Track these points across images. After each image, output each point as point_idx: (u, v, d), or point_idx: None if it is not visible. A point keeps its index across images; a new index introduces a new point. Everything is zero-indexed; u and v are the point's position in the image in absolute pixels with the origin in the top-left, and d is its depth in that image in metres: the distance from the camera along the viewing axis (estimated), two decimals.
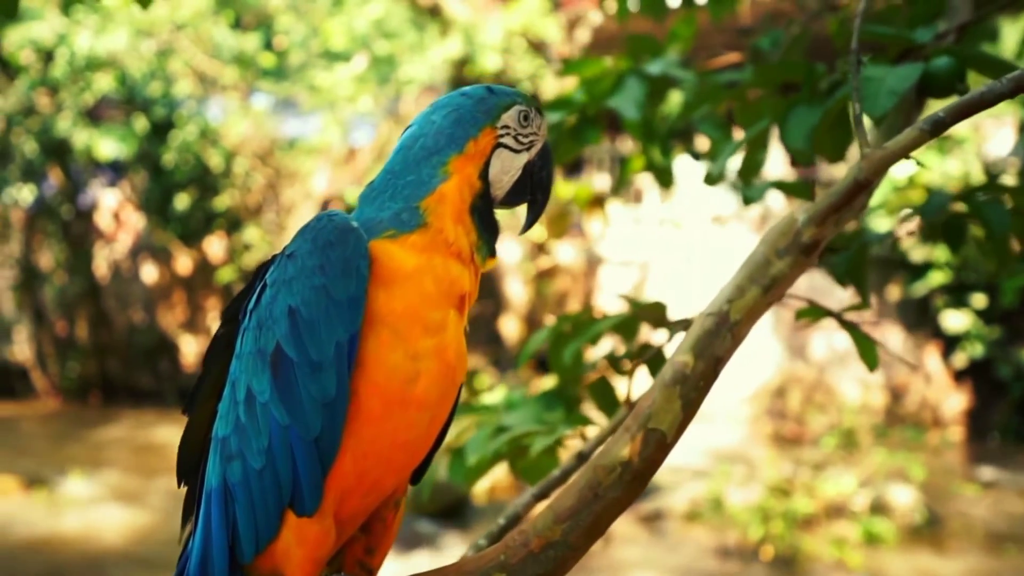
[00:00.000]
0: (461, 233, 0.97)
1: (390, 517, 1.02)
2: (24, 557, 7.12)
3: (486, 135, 1.00)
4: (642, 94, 2.11)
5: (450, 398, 0.98)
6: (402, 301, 0.92)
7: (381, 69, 11.47)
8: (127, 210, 12.91)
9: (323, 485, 0.89)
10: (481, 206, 0.99)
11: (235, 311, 1.00)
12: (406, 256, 0.94)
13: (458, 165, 0.98)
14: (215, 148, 11.52)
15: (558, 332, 2.09)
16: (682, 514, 8.38)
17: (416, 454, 0.97)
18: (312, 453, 0.88)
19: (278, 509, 0.89)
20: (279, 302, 0.91)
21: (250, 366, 0.91)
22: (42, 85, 10.71)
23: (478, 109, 1.01)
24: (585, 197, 3.16)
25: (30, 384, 12.66)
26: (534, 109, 1.04)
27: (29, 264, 12.56)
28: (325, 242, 0.90)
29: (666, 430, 0.94)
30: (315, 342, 0.88)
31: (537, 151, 1.04)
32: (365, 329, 0.90)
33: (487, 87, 1.04)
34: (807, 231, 1.00)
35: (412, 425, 0.93)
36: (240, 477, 0.90)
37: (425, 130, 1.01)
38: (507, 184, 1.02)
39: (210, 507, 0.93)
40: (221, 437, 0.93)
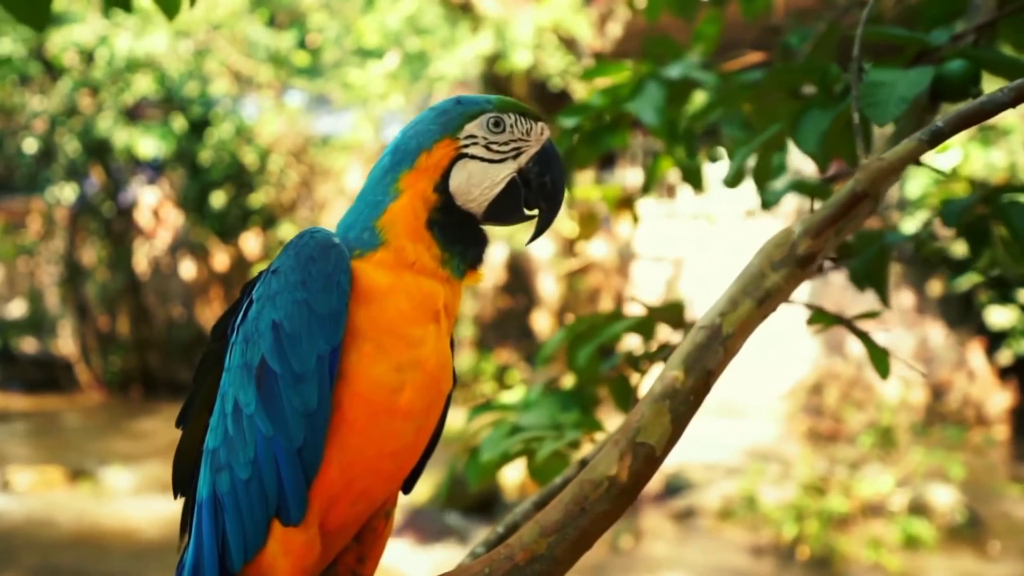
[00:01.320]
0: (421, 250, 0.96)
1: (380, 527, 1.03)
2: (69, 546, 7.33)
3: (443, 147, 0.98)
4: (661, 98, 2.09)
5: (436, 408, 0.99)
6: (381, 317, 0.93)
7: (413, 66, 11.52)
8: (166, 207, 13.17)
9: (307, 494, 0.91)
10: (442, 219, 0.97)
11: (224, 327, 1.02)
12: (378, 275, 0.95)
13: (409, 181, 0.97)
14: (250, 146, 11.69)
15: (574, 333, 2.09)
16: (715, 512, 8.31)
17: (404, 463, 0.98)
18: (296, 463, 0.89)
19: (265, 519, 0.91)
20: (264, 316, 0.93)
21: (237, 379, 0.93)
22: (83, 86, 10.96)
23: (436, 122, 0.99)
24: (614, 198, 3.12)
25: (74, 378, 13.01)
26: (515, 115, 1.00)
27: (73, 261, 12.88)
28: (307, 258, 0.92)
29: (655, 444, 0.94)
30: (297, 355, 0.89)
31: (530, 158, 1.00)
32: (348, 342, 0.92)
33: (457, 98, 1.02)
34: (803, 243, 0.98)
35: (398, 435, 0.94)
36: (228, 488, 0.93)
37: (388, 149, 1.01)
38: (481, 196, 0.98)
39: (202, 517, 0.96)
40: (211, 449, 0.95)
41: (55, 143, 11.42)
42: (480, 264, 1.01)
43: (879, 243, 1.84)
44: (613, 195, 3.06)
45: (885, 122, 1.20)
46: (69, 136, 11.35)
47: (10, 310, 13.72)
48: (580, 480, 0.93)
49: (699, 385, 0.96)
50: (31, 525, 7.88)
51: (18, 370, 13.24)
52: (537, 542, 0.90)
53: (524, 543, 0.90)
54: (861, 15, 1.12)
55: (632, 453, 0.93)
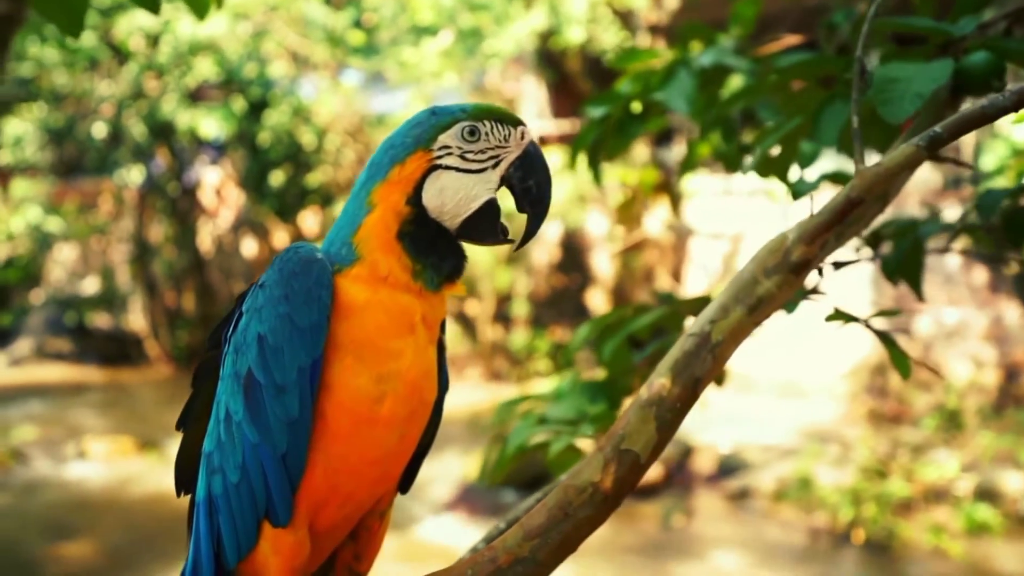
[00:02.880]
0: (392, 262, 0.97)
1: (375, 526, 1.07)
2: (139, 512, 7.69)
3: (415, 159, 0.98)
4: (692, 87, 2.05)
5: (419, 416, 1.01)
6: (360, 331, 0.95)
7: (467, 43, 11.49)
8: (228, 187, 13.50)
9: (293, 498, 0.95)
10: (413, 231, 0.97)
11: (220, 336, 1.06)
12: (356, 290, 0.97)
13: (382, 194, 0.98)
14: (307, 126, 11.87)
15: (602, 325, 2.08)
16: (769, 493, 8.20)
17: (388, 469, 1.01)
18: (281, 469, 0.93)
19: (255, 520, 0.95)
20: (251, 329, 0.96)
21: (228, 388, 0.98)
22: (149, 70, 11.26)
23: (409, 134, 0.99)
24: (650, 183, 3.08)
25: (144, 352, 13.54)
26: (491, 122, 0.99)
27: (141, 239, 13.34)
28: (290, 273, 0.95)
29: (640, 451, 0.94)
30: (279, 366, 0.93)
31: (510, 164, 0.99)
32: (330, 354, 0.94)
33: (432, 109, 1.02)
34: (796, 250, 0.97)
35: (380, 443, 0.97)
36: (221, 490, 0.97)
37: (367, 164, 1.03)
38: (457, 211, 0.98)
39: (199, 517, 1.01)
40: (207, 453, 1.00)
41: (123, 126, 11.79)
42: (458, 276, 1.01)
43: (912, 235, 1.78)
44: (650, 179, 3.01)
45: (899, 119, 1.16)
46: (136, 119, 11.70)
47: (84, 287, 14.33)
48: (565, 485, 0.95)
49: (686, 393, 0.96)
50: (107, 492, 8.30)
51: (93, 344, 13.85)
52: (520, 545, 0.92)
53: (508, 546, 0.92)
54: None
55: (617, 460, 0.94)
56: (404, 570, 6.44)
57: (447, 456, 8.84)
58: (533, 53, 12.60)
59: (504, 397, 6.76)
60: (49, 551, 7.00)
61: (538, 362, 12.36)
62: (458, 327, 13.16)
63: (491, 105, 1.01)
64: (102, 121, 11.79)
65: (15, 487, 8.26)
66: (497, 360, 12.98)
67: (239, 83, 11.51)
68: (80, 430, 9.98)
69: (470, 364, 13.07)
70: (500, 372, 12.84)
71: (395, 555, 6.84)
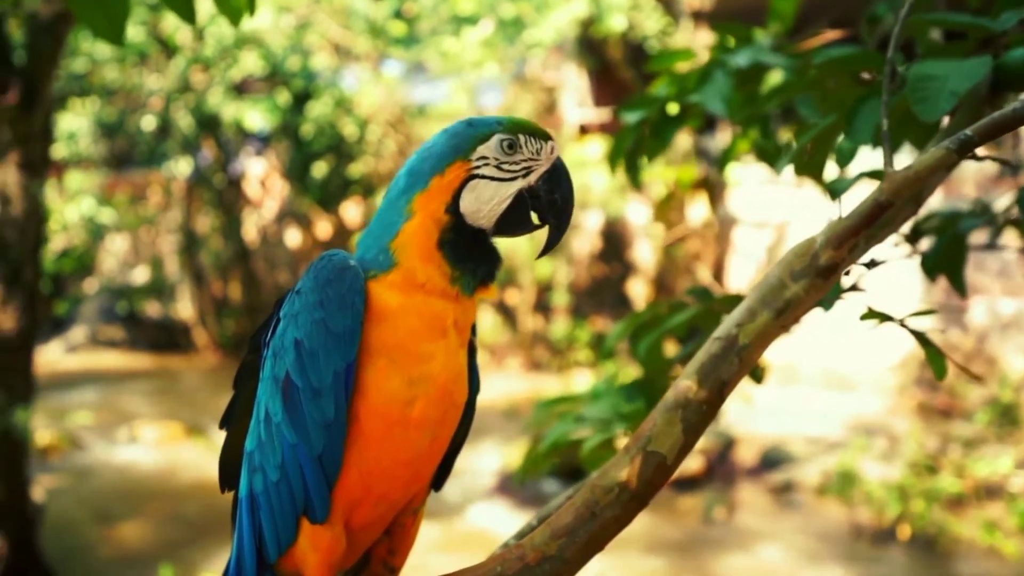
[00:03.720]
0: (432, 269, 1.00)
1: (409, 523, 1.11)
2: (189, 496, 7.92)
3: (454, 169, 1.01)
4: (728, 87, 2.03)
5: (450, 418, 1.04)
6: (393, 335, 0.99)
7: (508, 32, 11.47)
8: (273, 178, 13.72)
9: (330, 497, 0.99)
10: (453, 239, 1.00)
11: (259, 340, 1.11)
12: (390, 295, 1.00)
13: (422, 203, 1.01)
14: (349, 117, 11.99)
15: (637, 323, 2.08)
16: (813, 487, 8.11)
17: (420, 470, 1.04)
18: (318, 469, 0.97)
19: (294, 517, 1.00)
20: (288, 334, 1.01)
21: (268, 390, 1.02)
22: (195, 63, 11.48)
23: (448, 144, 1.03)
24: (688, 180, 3.04)
25: (192, 340, 13.87)
26: (526, 135, 1.02)
27: (189, 230, 13.65)
28: (324, 280, 0.99)
29: (666, 453, 0.96)
30: (316, 370, 0.96)
31: (539, 176, 1.03)
32: (364, 358, 0.98)
33: (468, 120, 1.05)
34: (824, 254, 0.96)
35: (412, 444, 1.00)
36: (262, 488, 1.02)
37: (402, 171, 1.05)
38: (491, 213, 1.02)
39: (242, 513, 1.06)
40: (249, 451, 1.05)
41: (171, 119, 12.06)
42: (491, 281, 1.04)
43: (953, 229, 1.75)
44: (688, 177, 2.98)
45: (934, 118, 1.14)
46: (183, 112, 11.95)
47: (135, 276, 14.72)
48: (592, 485, 0.97)
49: (713, 396, 0.97)
50: (157, 476, 8.56)
51: (143, 332, 14.25)
52: (548, 544, 0.94)
53: (536, 544, 0.95)
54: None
55: (643, 461, 0.96)
56: (445, 558, 6.52)
57: (487, 446, 8.91)
58: (574, 41, 12.53)
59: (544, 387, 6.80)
60: (102, 533, 7.25)
61: (578, 352, 12.35)
62: (498, 317, 13.21)
63: (525, 120, 1.05)
64: (151, 114, 12.07)
65: (71, 470, 8.56)
66: (537, 350, 13.00)
67: (283, 75, 11.67)
68: (131, 415, 10.29)
69: (510, 354, 13.11)
70: (540, 362, 12.86)
71: (436, 543, 6.93)
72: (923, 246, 1.82)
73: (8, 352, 6.04)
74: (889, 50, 1.03)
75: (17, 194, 6.01)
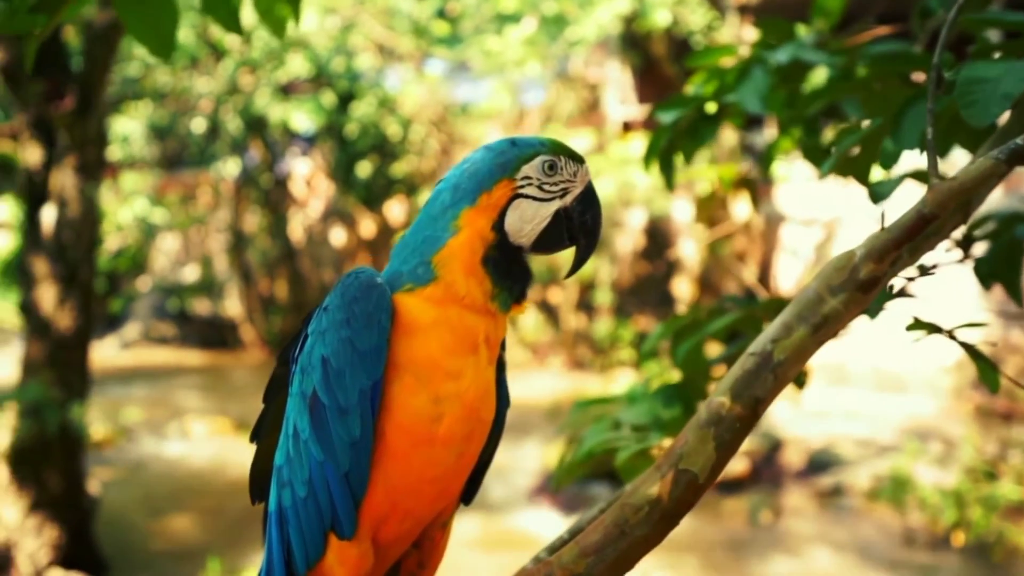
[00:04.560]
0: (473, 285, 1.00)
1: (438, 536, 1.11)
2: (235, 490, 8.07)
3: (501, 187, 1.03)
4: (767, 85, 1.98)
5: (478, 434, 1.04)
6: (422, 351, 0.99)
7: (551, 30, 11.44)
8: (318, 178, 13.92)
9: (357, 514, 0.99)
10: (497, 256, 1.02)
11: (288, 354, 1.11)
12: (423, 309, 1.00)
13: (469, 218, 1.02)
14: (393, 117, 12.09)
15: (677, 327, 2.05)
16: (863, 491, 7.92)
17: (447, 486, 1.04)
18: (344, 486, 0.98)
19: (322, 532, 1.00)
20: (315, 351, 1.01)
21: (296, 406, 1.03)
22: (244, 65, 11.70)
23: (495, 163, 1.04)
24: (730, 179, 2.98)
25: (239, 337, 14.16)
26: (565, 157, 1.05)
27: (237, 229, 13.93)
28: (351, 298, 0.99)
29: (698, 471, 0.93)
30: (342, 388, 0.97)
31: (575, 197, 1.05)
32: (390, 375, 0.98)
33: (511, 140, 1.07)
34: (864, 267, 0.93)
35: (438, 462, 1.00)
36: (291, 503, 1.02)
37: (446, 185, 1.06)
38: (531, 232, 1.04)
39: (271, 526, 1.07)
40: (278, 466, 1.05)
41: (220, 121, 12.31)
42: (524, 298, 1.05)
43: (1009, 235, 1.68)
44: (729, 175, 2.92)
45: (984, 124, 1.09)
46: (232, 114, 12.20)
47: (186, 275, 15.08)
48: (621, 503, 0.95)
49: (747, 413, 0.94)
50: (206, 470, 8.75)
51: (193, 329, 14.60)
52: (576, 562, 0.93)
53: (563, 562, 0.94)
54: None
55: (674, 479, 0.94)
56: (486, 559, 6.54)
57: (529, 445, 8.91)
58: (617, 38, 12.43)
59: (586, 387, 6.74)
60: (153, 525, 7.44)
61: (621, 351, 12.27)
62: (540, 315, 13.19)
63: (563, 143, 1.08)
64: (201, 116, 12.34)
65: (123, 464, 8.80)
66: (580, 349, 12.95)
67: (328, 76, 11.83)
68: (182, 411, 10.54)
69: (552, 352, 13.09)
70: (583, 361, 12.81)
71: (477, 542, 6.96)
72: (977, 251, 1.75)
73: (65, 349, 6.23)
74: (936, 54, 0.99)
75: (74, 197, 6.20)
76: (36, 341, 6.19)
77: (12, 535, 6.08)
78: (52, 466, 6.14)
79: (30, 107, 6.12)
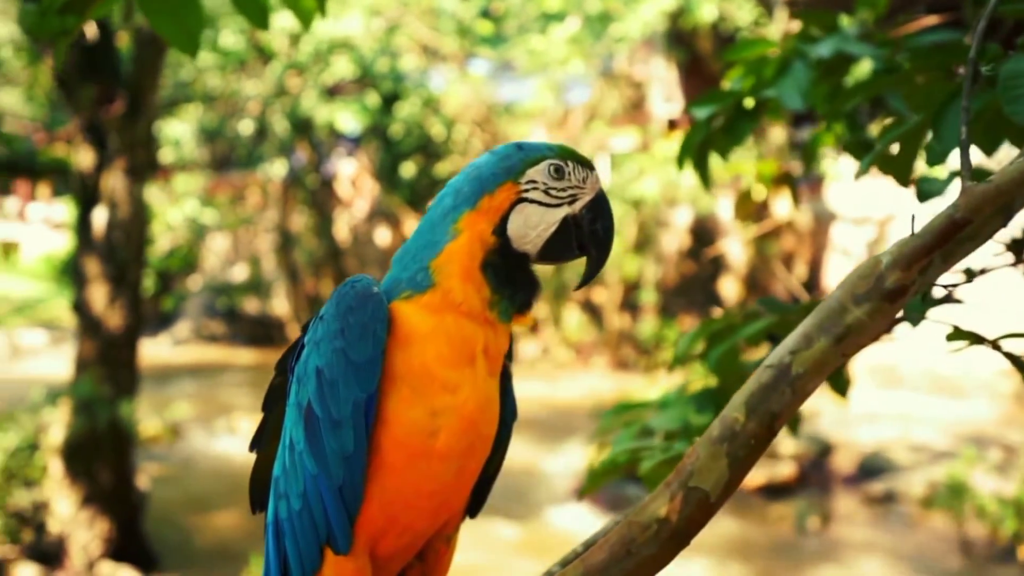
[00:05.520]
0: (471, 291, 0.97)
1: (442, 549, 1.07)
2: None
3: (504, 191, 0.99)
4: (807, 80, 1.90)
5: (478, 449, 1.00)
6: (418, 360, 0.95)
7: (595, 28, 11.37)
8: (363, 178, 14.08)
9: (352, 529, 0.96)
10: (497, 262, 0.98)
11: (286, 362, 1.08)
12: (420, 317, 0.97)
13: (469, 222, 0.98)
14: (437, 117, 12.15)
15: (710, 331, 1.99)
16: (918, 499, 7.69)
17: (446, 501, 1.00)
18: (338, 500, 0.95)
19: (317, 546, 0.97)
20: (310, 361, 0.98)
21: (292, 417, 1.00)
22: (291, 68, 11.90)
23: (499, 166, 1.00)
24: (769, 174, 2.89)
25: (286, 335, 14.39)
26: (573, 163, 1.01)
27: (285, 229, 14.17)
28: (346, 308, 0.96)
29: (709, 489, 0.88)
30: (335, 401, 0.94)
31: (584, 205, 1.01)
32: (386, 386, 0.95)
33: (518, 144, 1.03)
34: (891, 275, 0.87)
35: (436, 477, 0.97)
36: (286, 514, 1.00)
37: (449, 190, 1.02)
38: (537, 239, 1.00)
39: (268, 537, 1.04)
40: (275, 477, 1.03)
41: (267, 123, 12.54)
42: (528, 309, 1.01)
43: None
44: (768, 171, 2.83)
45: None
46: (279, 116, 12.41)
47: (235, 274, 15.40)
48: (628, 521, 0.91)
49: (762, 429, 0.89)
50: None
51: (242, 327, 14.89)
52: None
53: None
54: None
55: (684, 498, 0.89)
56: (527, 563, 6.51)
57: (571, 446, 8.85)
58: (662, 34, 12.29)
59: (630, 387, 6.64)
60: (200, 520, 7.59)
61: (666, 352, 12.12)
62: (584, 315, 13.11)
63: (572, 148, 1.04)
64: (249, 119, 12.58)
65: (172, 460, 9.00)
66: (624, 349, 12.84)
67: (372, 78, 11.94)
68: (230, 407, 10.73)
69: (596, 352, 13.00)
70: (627, 361, 12.69)
71: (517, 544, 6.93)
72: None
73: (115, 347, 6.40)
74: (972, 47, 0.92)
75: (123, 199, 6.36)
76: (87, 339, 6.37)
77: (66, 527, 6.27)
78: (103, 461, 6.31)
79: (82, 111, 6.30)
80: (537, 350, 13.41)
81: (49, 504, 6.29)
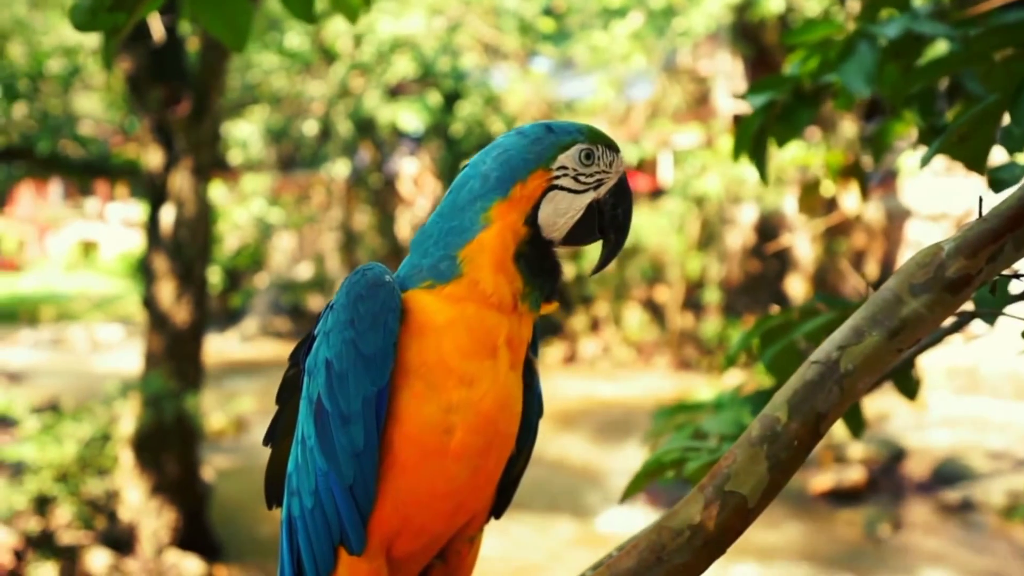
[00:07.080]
0: (502, 283, 0.92)
1: (464, 550, 1.02)
2: None
3: (536, 178, 0.94)
4: (873, 63, 1.78)
5: (497, 447, 0.95)
6: (435, 353, 0.91)
7: (657, 23, 11.20)
8: (425, 177, 14.20)
9: (365, 529, 0.92)
10: (529, 252, 0.93)
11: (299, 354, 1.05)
12: (440, 307, 0.92)
13: (501, 211, 0.93)
14: (498, 115, 12.16)
15: (767, 327, 1.90)
16: (997, 508, 7.35)
17: (463, 502, 0.95)
18: (349, 499, 0.91)
19: (330, 546, 0.94)
20: (320, 353, 0.94)
21: (304, 411, 0.96)
22: (354, 68, 12.08)
23: (530, 151, 0.95)
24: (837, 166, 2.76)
25: None
26: (602, 146, 0.96)
27: (348, 228, 14.41)
28: (356, 296, 0.92)
29: (747, 494, 0.82)
30: (344, 395, 0.90)
31: (608, 189, 0.97)
32: (399, 380, 0.90)
33: (547, 125, 0.97)
34: (953, 264, 0.79)
35: (451, 476, 0.92)
36: (299, 512, 0.96)
37: (475, 172, 0.97)
38: (564, 226, 0.96)
39: (283, 535, 1.00)
40: (289, 473, 0.99)
41: (331, 123, 12.76)
42: (555, 296, 0.97)
43: None
44: (836, 162, 2.70)
45: None
46: (342, 116, 12.61)
47: (300, 272, 15.73)
48: (659, 527, 0.85)
49: (806, 430, 0.82)
50: None
51: (307, 324, 15.19)
52: None
53: None
54: None
55: (720, 502, 0.82)
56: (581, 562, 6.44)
57: (630, 446, 8.73)
58: (728, 28, 12.02)
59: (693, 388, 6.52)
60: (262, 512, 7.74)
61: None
62: (646, 314, 12.94)
63: (601, 130, 1.00)
64: (313, 119, 12.82)
65: (237, 453, 9.22)
66: (686, 349, 12.62)
67: (434, 76, 12.02)
68: None
69: (658, 352, 12.82)
70: (689, 361, 12.47)
71: (573, 543, 6.88)
72: None
73: (181, 342, 6.59)
74: None
75: (190, 197, 6.54)
76: (155, 334, 6.57)
77: (136, 516, 6.48)
78: (170, 453, 6.50)
79: (151, 113, 6.50)
80: (598, 349, 13.30)
81: (120, 493, 6.52)
